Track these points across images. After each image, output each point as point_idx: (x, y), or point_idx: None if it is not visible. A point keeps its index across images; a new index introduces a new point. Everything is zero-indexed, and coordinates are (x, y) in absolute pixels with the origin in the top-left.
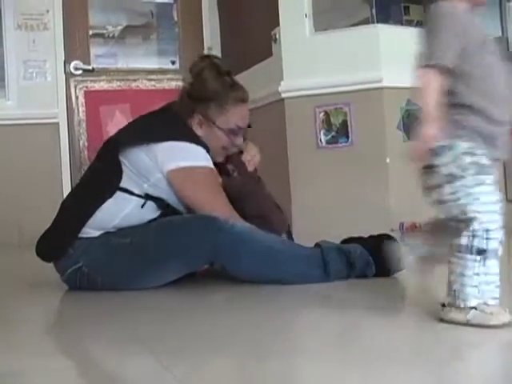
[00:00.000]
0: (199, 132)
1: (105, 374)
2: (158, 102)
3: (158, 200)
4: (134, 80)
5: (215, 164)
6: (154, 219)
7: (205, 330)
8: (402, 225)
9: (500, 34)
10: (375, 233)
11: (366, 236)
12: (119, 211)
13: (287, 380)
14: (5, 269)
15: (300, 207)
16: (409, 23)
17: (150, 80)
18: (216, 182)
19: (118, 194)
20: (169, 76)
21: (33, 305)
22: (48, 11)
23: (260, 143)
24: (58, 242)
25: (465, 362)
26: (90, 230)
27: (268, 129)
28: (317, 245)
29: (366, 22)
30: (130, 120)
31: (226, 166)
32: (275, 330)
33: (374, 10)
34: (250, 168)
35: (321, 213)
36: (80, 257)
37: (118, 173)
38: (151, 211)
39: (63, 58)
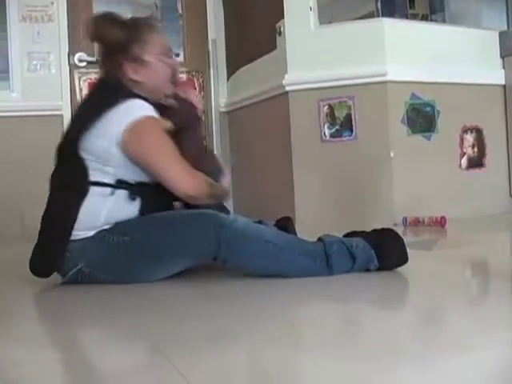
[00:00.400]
0: (138, 78)
1: (106, 365)
2: None
3: (131, 185)
4: None
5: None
6: (148, 213)
7: (207, 322)
8: (405, 219)
9: (506, 27)
10: (378, 227)
11: (368, 230)
12: (101, 207)
13: (290, 372)
14: (7, 261)
15: (303, 200)
16: (414, 17)
17: None
18: (165, 134)
19: (92, 189)
20: None
21: (33, 296)
22: (52, 3)
23: (264, 136)
24: (50, 256)
25: (469, 356)
26: (81, 232)
27: (272, 122)
28: (319, 239)
29: (370, 15)
30: None
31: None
32: (278, 323)
33: (379, 4)
34: (200, 106)
35: (324, 206)
36: (78, 259)
37: (84, 169)
38: (133, 203)
39: (67, 50)
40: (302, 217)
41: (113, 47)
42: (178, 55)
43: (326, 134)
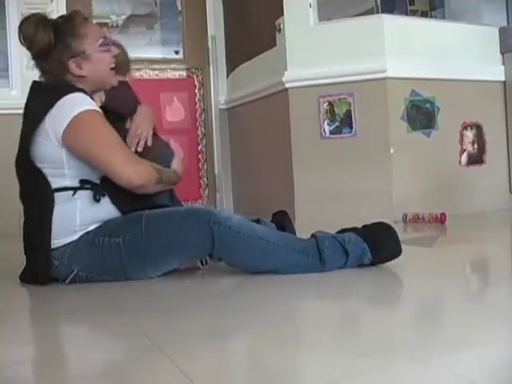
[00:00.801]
0: (83, 73)
1: (105, 362)
2: (161, 91)
3: (95, 185)
4: (138, 69)
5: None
6: (126, 208)
7: (205, 320)
8: (405, 216)
9: (506, 23)
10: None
11: (360, 226)
12: (72, 211)
13: (288, 368)
14: (4, 258)
15: (303, 196)
16: (414, 13)
17: (154, 69)
18: (106, 125)
19: (57, 196)
20: (172, 66)
21: (30, 295)
22: (51, 1)
23: (264, 133)
24: (36, 269)
25: (468, 352)
26: (62, 239)
27: (272, 118)
28: (312, 235)
29: (370, 12)
30: None
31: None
32: (275, 320)
33: (378, 0)
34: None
35: (324, 203)
36: (71, 264)
37: (44, 178)
38: (101, 202)
39: None
40: (301, 213)
41: (50, 48)
42: (177, 52)
43: (326, 130)
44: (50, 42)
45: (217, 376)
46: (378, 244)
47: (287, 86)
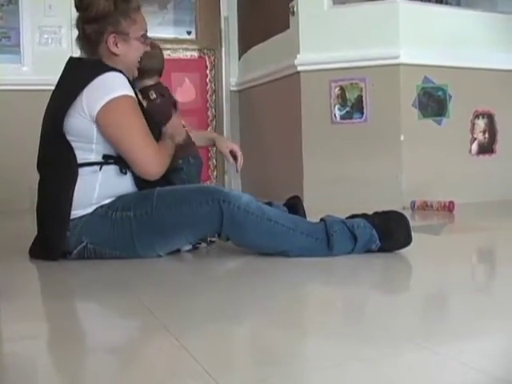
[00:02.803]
0: (117, 51)
1: (114, 340)
2: (173, 71)
3: (120, 159)
4: None
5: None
6: (143, 185)
7: (211, 301)
8: (413, 203)
9: None
10: (385, 210)
11: (370, 213)
12: (92, 184)
13: (293, 352)
14: (12, 233)
15: (312, 181)
16: (429, 0)
17: (166, 49)
18: (138, 114)
19: (81, 169)
20: (184, 46)
21: (38, 271)
22: None
23: (274, 116)
24: (52, 240)
25: (473, 342)
26: (78, 211)
27: (283, 102)
28: (321, 219)
29: None
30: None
31: (149, 91)
32: (281, 304)
33: None
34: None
35: (332, 187)
36: (82, 236)
37: (71, 151)
38: (124, 176)
39: None
40: (310, 198)
41: (102, 16)
42: (189, 33)
43: (337, 115)
44: (109, 11)
45: (221, 356)
46: (388, 232)
47: (299, 69)
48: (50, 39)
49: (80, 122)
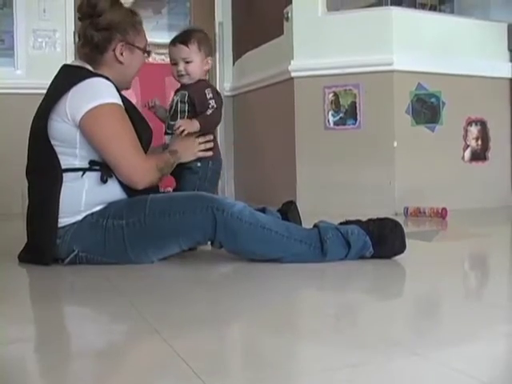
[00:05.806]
0: (122, 59)
1: (105, 344)
2: (167, 76)
3: (105, 166)
4: None
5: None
6: (136, 194)
7: (203, 306)
8: (406, 209)
9: None
10: (379, 216)
11: (364, 220)
12: (78, 191)
13: (285, 358)
14: (5, 237)
15: (305, 186)
16: (422, 7)
17: (160, 54)
18: (123, 121)
19: (66, 175)
20: None
21: (30, 275)
22: None
23: (268, 121)
24: (40, 247)
25: (465, 348)
26: (67, 219)
27: (277, 107)
28: (315, 225)
29: (379, 3)
30: (137, 94)
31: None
32: (274, 310)
33: None
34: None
35: (326, 193)
36: (73, 244)
37: (55, 156)
38: (108, 183)
39: (73, 29)
40: (303, 203)
41: (114, 24)
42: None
43: (330, 121)
44: (120, 20)
45: (213, 361)
46: (383, 239)
47: (293, 75)
48: (44, 43)
49: (62, 127)
